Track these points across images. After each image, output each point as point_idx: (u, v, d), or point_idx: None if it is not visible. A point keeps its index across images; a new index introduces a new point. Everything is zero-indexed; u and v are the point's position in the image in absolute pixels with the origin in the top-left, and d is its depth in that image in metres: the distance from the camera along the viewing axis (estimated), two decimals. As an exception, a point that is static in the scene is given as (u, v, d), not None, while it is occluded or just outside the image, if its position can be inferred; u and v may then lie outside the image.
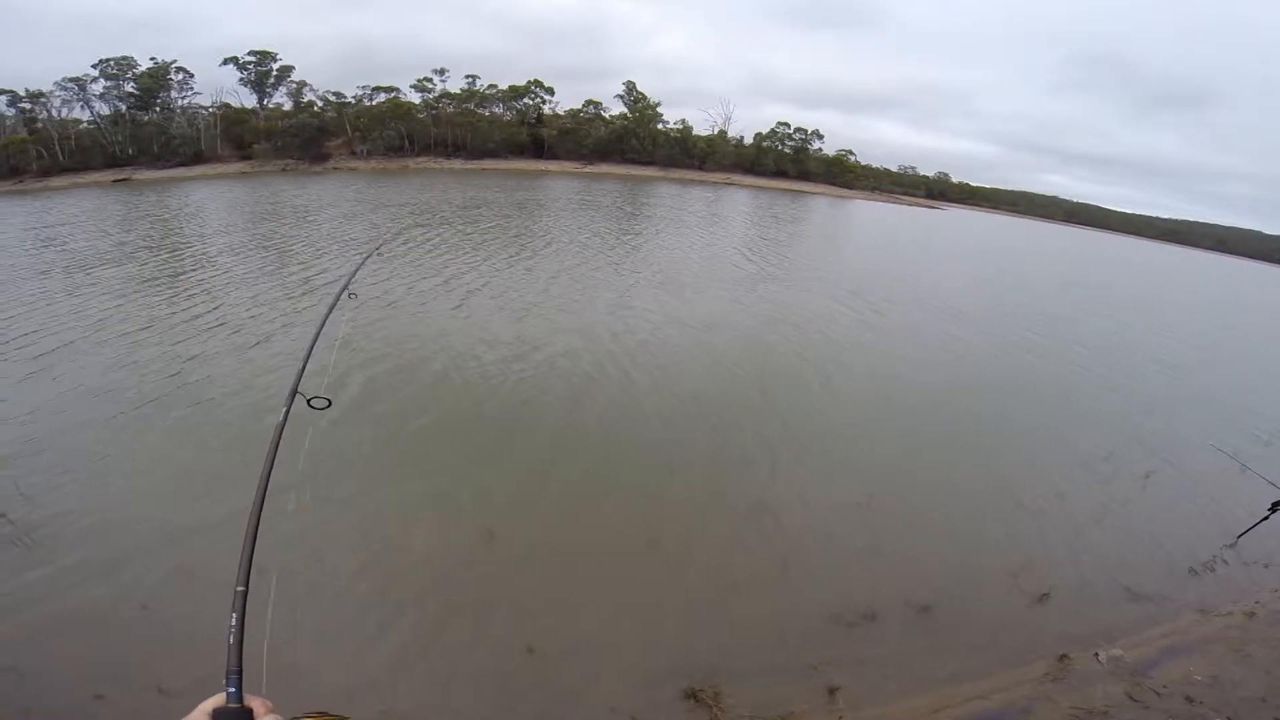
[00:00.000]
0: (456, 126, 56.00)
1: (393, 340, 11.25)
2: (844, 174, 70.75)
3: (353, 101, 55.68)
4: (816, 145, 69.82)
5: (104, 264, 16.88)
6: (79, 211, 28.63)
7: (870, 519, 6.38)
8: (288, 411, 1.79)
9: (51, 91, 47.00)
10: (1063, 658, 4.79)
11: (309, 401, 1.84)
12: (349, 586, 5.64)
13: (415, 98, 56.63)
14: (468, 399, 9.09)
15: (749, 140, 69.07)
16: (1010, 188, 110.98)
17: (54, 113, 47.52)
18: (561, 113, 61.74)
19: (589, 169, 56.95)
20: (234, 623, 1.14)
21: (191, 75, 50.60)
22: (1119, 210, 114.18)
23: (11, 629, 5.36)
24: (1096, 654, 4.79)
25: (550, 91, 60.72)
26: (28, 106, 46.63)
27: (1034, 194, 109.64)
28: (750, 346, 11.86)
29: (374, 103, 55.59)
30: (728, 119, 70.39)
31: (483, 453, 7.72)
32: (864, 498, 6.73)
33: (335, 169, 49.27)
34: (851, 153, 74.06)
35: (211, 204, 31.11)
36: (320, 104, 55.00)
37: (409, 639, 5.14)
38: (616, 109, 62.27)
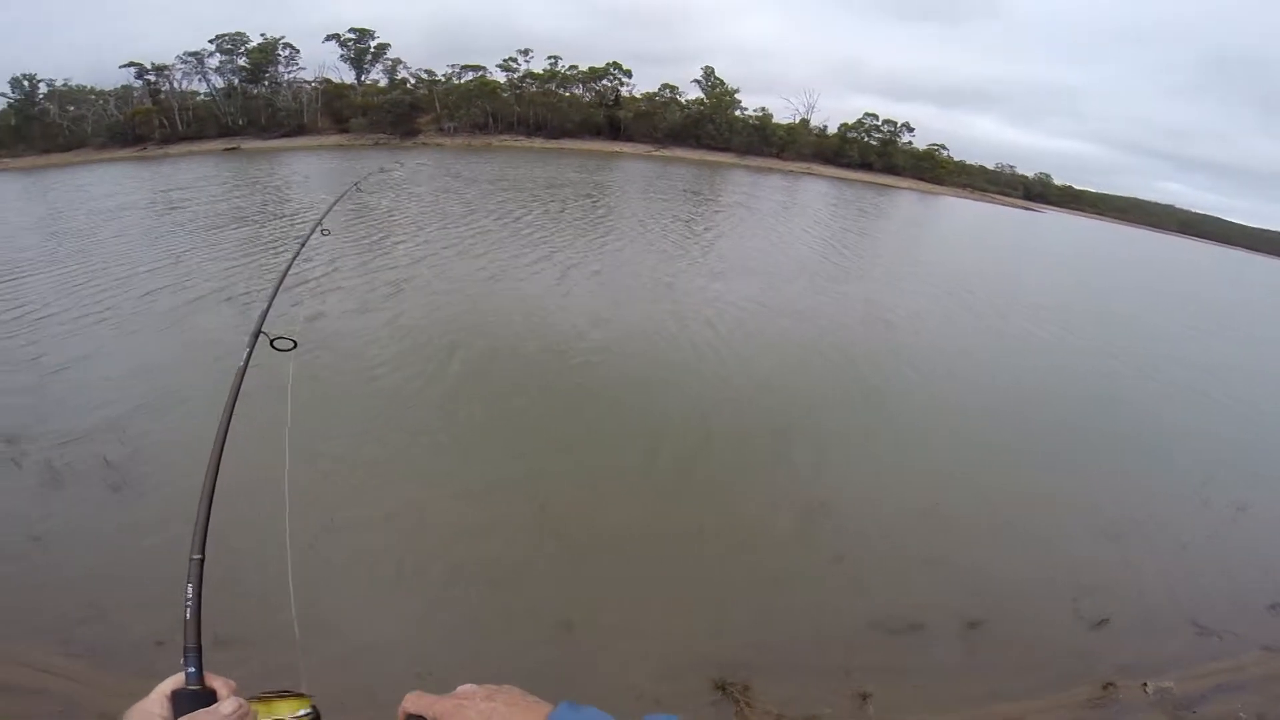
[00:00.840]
0: (538, 106, 56.86)
1: (484, 312, 11.50)
2: (934, 169, 66.91)
3: (442, 80, 57.42)
4: (906, 138, 66.37)
5: (232, 224, 18.13)
6: (198, 176, 30.95)
7: (934, 527, 6.13)
8: (249, 355, 1.64)
9: (173, 65, 50.89)
10: (1108, 686, 4.58)
11: (272, 343, 1.70)
12: (398, 546, 5.71)
13: (500, 77, 57.82)
14: (535, 372, 9.17)
15: (832, 130, 66.41)
16: (1119, 193, 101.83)
17: (175, 85, 51.50)
18: (638, 95, 61.68)
19: (662, 152, 56.43)
20: (190, 595, 1.00)
21: (297, 51, 53.58)
22: (1242, 224, 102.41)
23: (94, 564, 5.67)
24: (1145, 685, 4.60)
25: (628, 74, 60.86)
26: (152, 79, 50.73)
27: (1145, 201, 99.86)
28: (825, 339, 11.41)
29: (462, 81, 57.13)
30: (811, 108, 67.81)
31: (543, 428, 7.76)
32: (930, 505, 6.45)
33: (423, 144, 51.11)
34: (943, 147, 69.96)
35: (322, 172, 32.82)
36: (413, 81, 57.01)
37: (451, 603, 5.19)
38: (693, 94, 61.49)
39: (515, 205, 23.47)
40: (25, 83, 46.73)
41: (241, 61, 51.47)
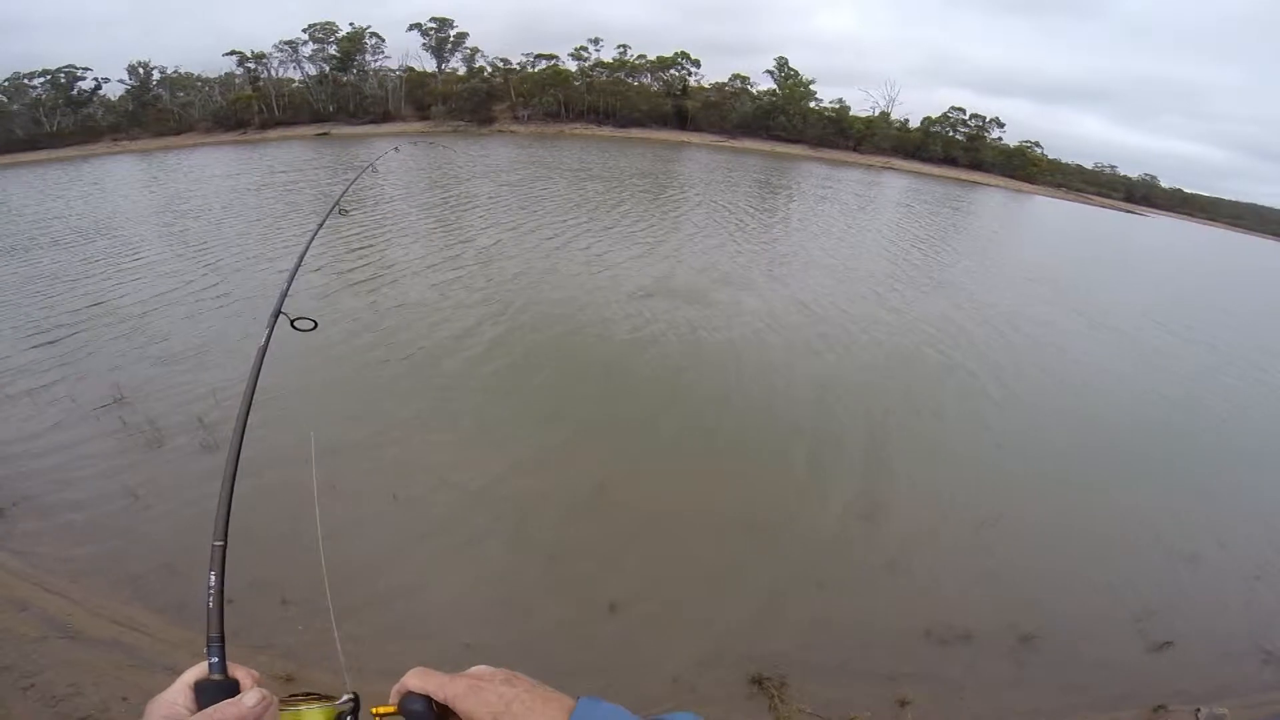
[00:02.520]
0: (607, 95, 57.24)
1: (566, 299, 11.58)
2: (1025, 167, 62.50)
3: (517, 68, 58.47)
4: (996, 134, 62.33)
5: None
6: (306, 160, 32.72)
7: (996, 538, 5.93)
8: (270, 334, 1.61)
9: (271, 53, 54.06)
10: (1158, 709, 4.43)
11: (293, 323, 1.68)
12: (454, 519, 5.83)
13: (572, 66, 58.30)
14: (598, 354, 9.26)
15: (915, 124, 63.15)
16: (1236, 198, 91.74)
17: (272, 72, 54.75)
18: (706, 86, 61.08)
19: (731, 143, 55.40)
20: (212, 582, 0.95)
21: (383, 40, 55.77)
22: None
23: (179, 521, 5.81)
24: (1197, 710, 4.42)
25: (697, 64, 60.44)
26: (252, 66, 54.09)
27: (1265, 207, 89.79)
28: (898, 341, 10.90)
29: (536, 70, 57.98)
30: (891, 101, 64.75)
31: (608, 409, 7.84)
32: (994, 516, 6.23)
33: (499, 131, 52.39)
34: (1037, 144, 65.23)
35: (414, 159, 34.14)
36: (489, 70, 58.32)
37: (502, 576, 5.22)
38: (765, 85, 60.22)
39: (610, 198, 23.41)
40: (140, 70, 50.84)
41: (332, 50, 54.11)
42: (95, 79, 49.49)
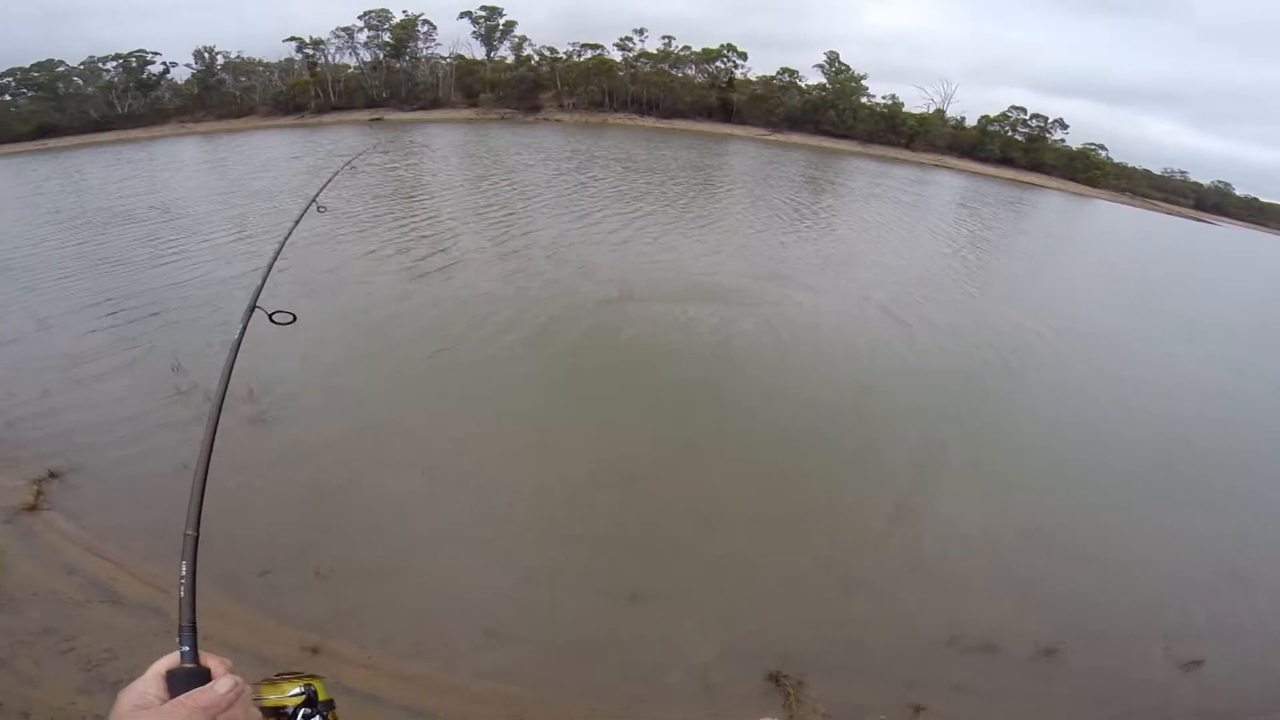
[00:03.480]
0: (651, 86, 56.93)
1: (611, 293, 11.61)
2: (1088, 170, 59.29)
3: (563, 57, 58.52)
4: (1058, 135, 59.26)
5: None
6: (354, 143, 33.60)
7: (1033, 549, 5.79)
8: (244, 328, 1.59)
9: (328, 39, 55.44)
10: None
11: (271, 316, 1.65)
12: (487, 501, 5.89)
13: (617, 56, 58.15)
14: (644, 351, 9.21)
15: (971, 122, 60.62)
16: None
17: (329, 58, 56.15)
18: (753, 79, 59.90)
19: (777, 137, 54.27)
20: (184, 572, 0.95)
21: (434, 28, 56.54)
22: None
23: (222, 491, 5.88)
24: None
25: (743, 56, 59.40)
26: (310, 52, 55.57)
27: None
28: (954, 346, 10.57)
29: (581, 59, 57.93)
30: (947, 98, 62.18)
31: (645, 402, 7.83)
32: (1033, 527, 6.10)
33: (545, 119, 52.67)
34: (1102, 147, 61.72)
35: (457, 143, 34.70)
36: (536, 59, 58.55)
37: (527, 560, 5.24)
38: (814, 79, 58.64)
39: (662, 188, 23.26)
40: (206, 55, 52.90)
41: (386, 37, 55.18)
42: (164, 63, 51.83)
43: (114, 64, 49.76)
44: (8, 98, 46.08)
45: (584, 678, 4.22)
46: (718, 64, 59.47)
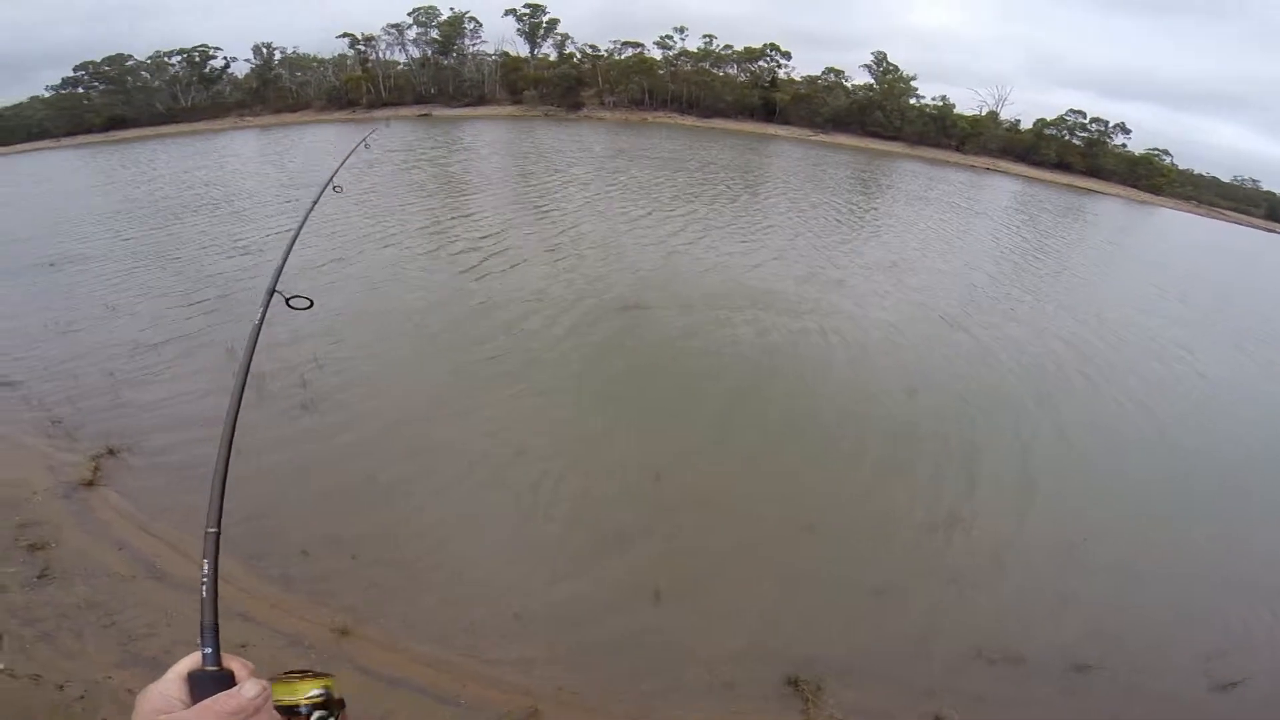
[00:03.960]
0: (691, 84, 56.68)
1: (659, 289, 11.82)
2: (1151, 176, 56.34)
3: (604, 55, 58.79)
4: (1119, 140, 56.54)
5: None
6: (406, 138, 34.54)
7: (1075, 563, 5.59)
8: (264, 313, 1.60)
9: (379, 36, 57.00)
10: None
11: (288, 301, 1.67)
12: (517, 489, 6.02)
13: (657, 54, 58.13)
14: (687, 353, 9.17)
15: (1027, 125, 58.34)
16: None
17: (380, 54, 57.74)
18: (797, 78, 59.01)
19: (821, 137, 53.29)
20: (206, 570, 0.92)
21: (480, 25, 57.56)
22: None
23: (268, 471, 6.14)
24: None
25: (787, 56, 58.82)
26: (362, 48, 57.24)
27: None
28: (1010, 352, 10.23)
29: (622, 57, 58.11)
30: (1001, 100, 60.00)
31: (682, 403, 7.80)
32: (1079, 539, 5.89)
33: (586, 117, 53.06)
34: (1166, 153, 58.55)
35: (503, 139, 35.32)
36: (578, 56, 58.98)
37: (555, 551, 5.34)
38: (860, 79, 57.60)
39: (707, 187, 23.19)
40: (264, 50, 55.09)
41: (434, 34, 56.42)
42: (225, 58, 54.31)
43: (178, 58, 52.38)
44: (81, 90, 48.99)
45: (602, 671, 4.26)
46: (760, 63, 58.94)
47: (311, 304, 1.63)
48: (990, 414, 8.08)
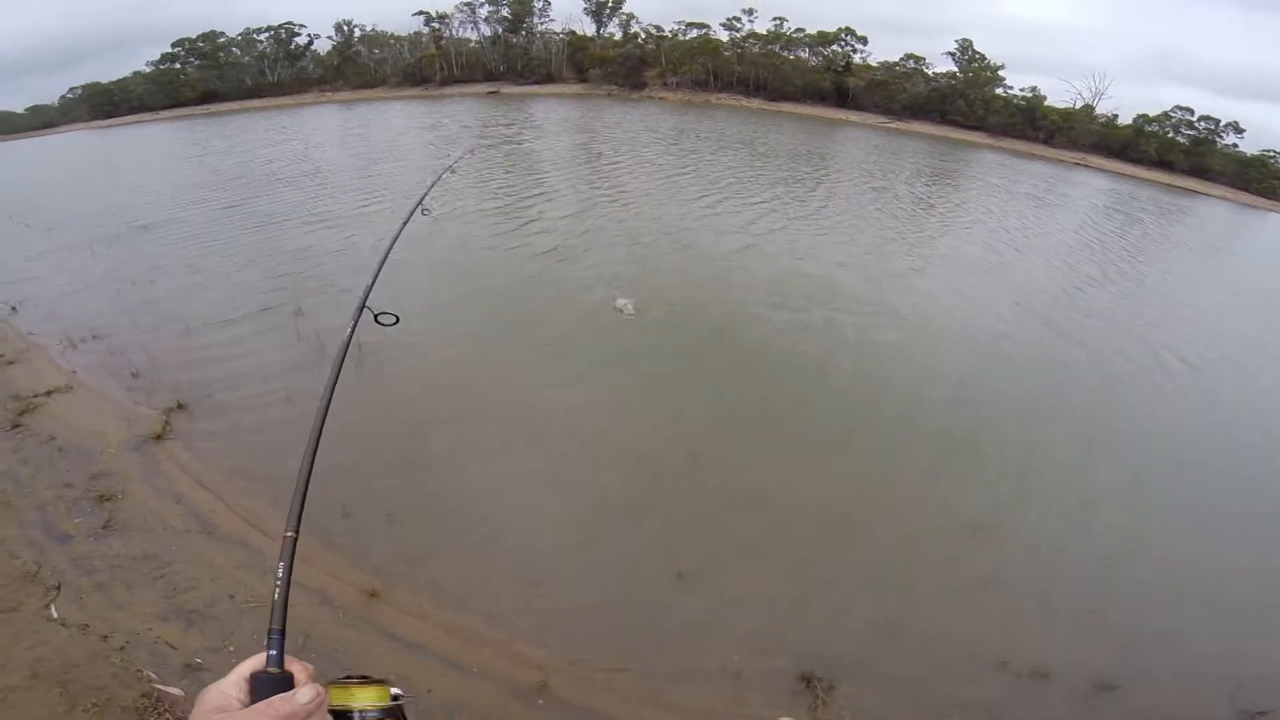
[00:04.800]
0: (759, 67, 55.10)
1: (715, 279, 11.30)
2: (1263, 179, 50.79)
3: (669, 35, 57.92)
4: (1229, 140, 51.25)
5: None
6: (481, 115, 35.34)
7: (1113, 577, 5.32)
8: (354, 328, 1.63)
9: (452, 14, 58.05)
10: None
11: (376, 318, 1.69)
12: (550, 459, 6.14)
13: (723, 36, 56.69)
14: (743, 342, 8.97)
15: (1125, 121, 53.72)
16: None
17: (453, 32, 58.88)
18: (874, 64, 56.32)
19: (896, 124, 50.82)
20: (281, 574, 0.91)
21: (549, 3, 57.68)
22: None
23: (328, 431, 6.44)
24: None
25: (863, 41, 56.18)
26: (436, 26, 58.45)
27: None
28: (1080, 356, 9.65)
29: (687, 38, 57.06)
30: (1098, 94, 55.38)
31: (735, 391, 7.63)
32: (1121, 553, 5.60)
33: (649, 97, 52.58)
34: None
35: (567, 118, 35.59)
36: (643, 36, 58.36)
37: (581, 522, 5.37)
38: (942, 67, 54.34)
39: (779, 172, 22.71)
40: (345, 28, 57.20)
41: (504, 11, 56.98)
42: (309, 35, 56.69)
43: (266, 35, 55.13)
44: (177, 66, 52.52)
45: (615, 647, 4.30)
46: (834, 48, 56.63)
47: (398, 320, 1.64)
48: (1052, 422, 7.63)
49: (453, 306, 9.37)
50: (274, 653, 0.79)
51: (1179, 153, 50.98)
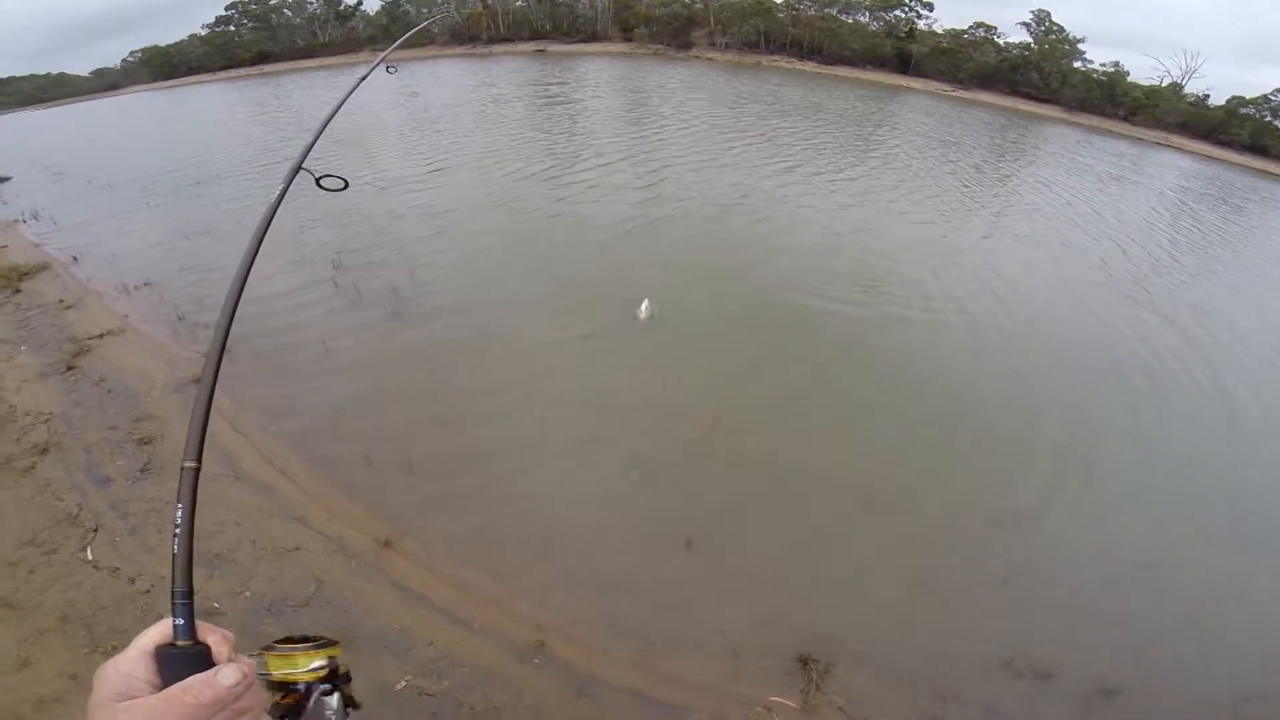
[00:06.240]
0: (815, 30, 52.66)
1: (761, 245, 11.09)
2: (1375, 167, 45.87)
3: (719, -5, 55.73)
4: (1335, 128, 46.30)
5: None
6: (530, 75, 35.05)
7: (1139, 583, 5.07)
8: (284, 190, 1.36)
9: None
10: None
11: (318, 181, 1.40)
12: (580, 423, 6.13)
13: (777, -2, 54.25)
14: (781, 311, 8.70)
15: (1217, 102, 49.33)
16: None
17: (500, -10, 58.04)
18: (939, 31, 53.61)
19: (961, 93, 48.04)
20: (179, 518, 0.73)
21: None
22: None
23: (378, 379, 6.63)
24: None
25: (929, 7, 53.42)
26: (484, -16, 57.68)
27: None
28: (1140, 350, 8.91)
29: (737, -1, 54.90)
30: (1188, 72, 50.88)
31: (768, 362, 7.47)
32: (1154, 558, 5.32)
33: (696, 57, 51.11)
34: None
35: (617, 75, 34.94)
36: (691, -4, 56.37)
37: (598, 482, 5.39)
38: (1016, 37, 51.20)
39: (840, 137, 21.91)
40: (392, -13, 57.12)
41: (550, -34, 55.89)
42: (357, -5, 57.00)
43: (316, -4, 55.70)
44: (232, 28, 53.86)
45: (615, 611, 4.32)
46: (897, 13, 53.88)
47: (346, 185, 1.42)
48: (1118, 418, 7.22)
49: (501, 268, 9.32)
50: (181, 621, 0.64)
51: (1275, 137, 46.50)
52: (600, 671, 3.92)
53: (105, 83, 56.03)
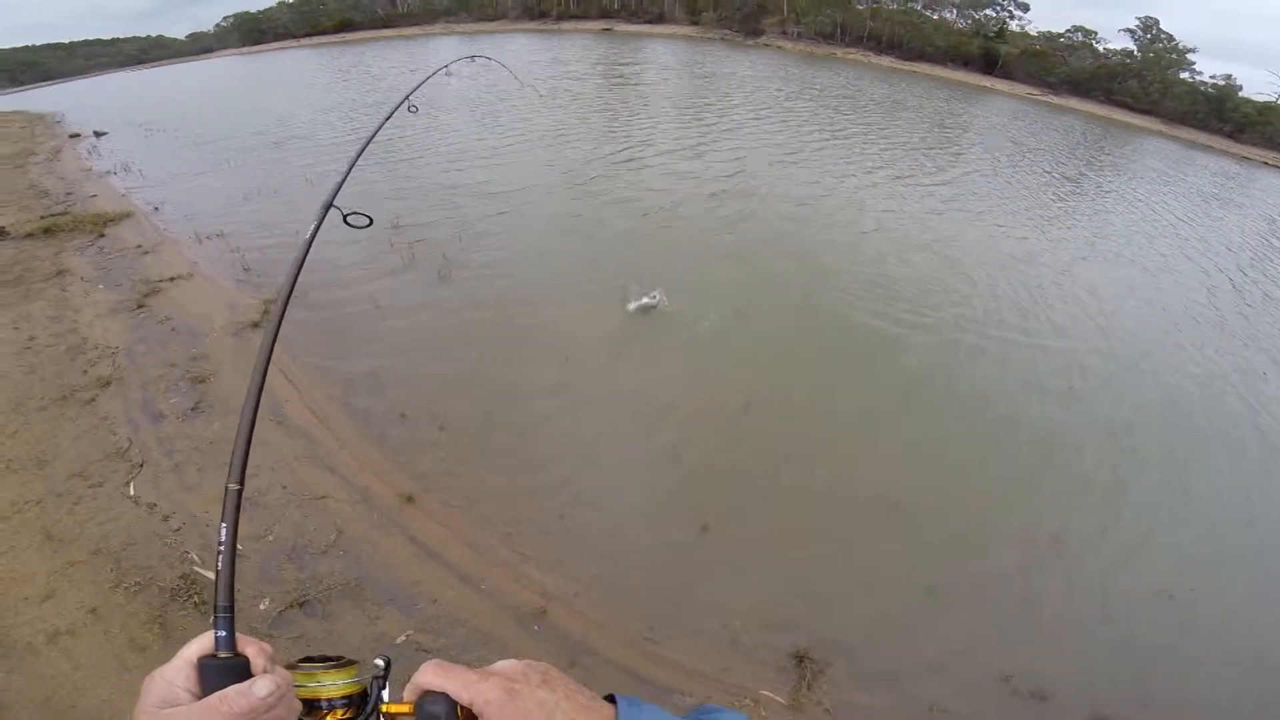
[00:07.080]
0: (895, 24, 50.58)
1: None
2: None
3: (800, -17, 54.04)
4: None
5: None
6: (600, 54, 35.09)
7: (1160, 613, 4.81)
8: (316, 228, 1.44)
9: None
10: None
11: (346, 218, 1.48)
12: (605, 396, 6.14)
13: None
14: (832, 315, 8.37)
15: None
16: None
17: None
18: (1033, 33, 51.23)
19: (1050, 98, 45.20)
20: (224, 537, 0.79)
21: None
22: None
23: (393, 335, 6.83)
24: None
25: (1024, 8, 51.28)
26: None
27: None
28: (1196, 375, 8.23)
29: (819, -13, 53.10)
30: (1309, 91, 46.42)
31: (818, 359, 7.36)
32: (1180, 589, 4.99)
33: (765, 45, 49.87)
34: None
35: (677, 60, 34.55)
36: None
37: (628, 463, 5.39)
38: (1117, 43, 48.31)
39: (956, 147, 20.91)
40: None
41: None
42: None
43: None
44: None
45: (620, 587, 4.33)
46: (988, 11, 51.55)
47: (371, 222, 1.50)
48: (1181, 443, 6.83)
49: (559, 253, 9.27)
50: (223, 634, 0.69)
51: None
52: (596, 644, 3.96)
53: (199, 46, 59.70)
